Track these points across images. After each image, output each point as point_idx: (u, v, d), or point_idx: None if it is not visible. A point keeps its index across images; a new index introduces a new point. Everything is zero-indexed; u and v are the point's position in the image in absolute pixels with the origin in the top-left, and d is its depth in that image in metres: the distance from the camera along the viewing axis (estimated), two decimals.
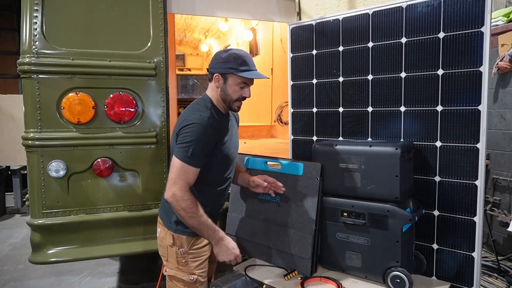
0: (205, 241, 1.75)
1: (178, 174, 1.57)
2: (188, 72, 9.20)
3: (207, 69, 1.74)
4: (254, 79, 1.71)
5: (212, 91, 1.73)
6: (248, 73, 1.65)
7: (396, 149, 1.65)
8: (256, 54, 6.78)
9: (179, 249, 1.71)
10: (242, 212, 2.11)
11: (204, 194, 1.71)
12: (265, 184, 1.87)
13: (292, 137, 2.34)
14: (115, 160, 2.24)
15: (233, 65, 1.64)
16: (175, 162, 1.59)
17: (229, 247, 1.69)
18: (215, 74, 1.69)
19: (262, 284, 1.80)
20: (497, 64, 3.29)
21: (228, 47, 1.95)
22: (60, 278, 3.46)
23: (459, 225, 1.73)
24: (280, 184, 1.88)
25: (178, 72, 8.16)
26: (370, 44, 1.95)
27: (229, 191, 1.93)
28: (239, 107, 1.74)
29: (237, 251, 1.70)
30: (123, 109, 2.21)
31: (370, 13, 1.93)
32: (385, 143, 1.77)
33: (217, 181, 1.77)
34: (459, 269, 1.75)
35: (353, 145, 1.81)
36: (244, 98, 1.71)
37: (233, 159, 1.82)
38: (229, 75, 1.66)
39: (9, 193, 5.95)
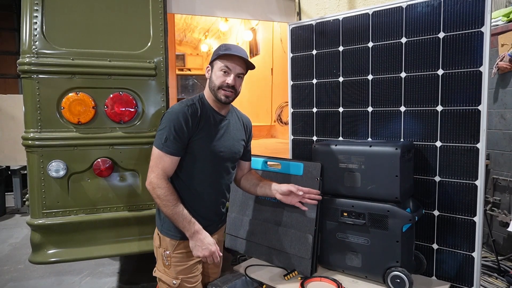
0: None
1: (155, 162, 1.58)
2: (188, 72, 9.21)
3: None
4: (247, 71, 1.71)
5: (206, 86, 1.72)
6: (227, 52, 1.62)
7: (396, 149, 1.65)
8: (256, 54, 6.79)
9: (164, 252, 1.69)
10: (242, 212, 2.12)
11: (181, 192, 1.66)
12: (301, 192, 1.74)
13: (292, 137, 2.34)
14: (115, 160, 2.24)
15: (218, 51, 1.65)
16: (153, 150, 1.60)
17: (205, 242, 1.59)
18: (207, 67, 1.72)
19: (262, 284, 1.80)
20: (497, 64, 3.29)
21: None
22: (60, 278, 3.46)
23: (459, 225, 1.73)
24: (315, 190, 1.78)
25: (178, 72, 8.16)
26: (370, 44, 1.95)
27: (223, 200, 1.82)
28: (226, 97, 1.64)
29: (213, 247, 1.59)
30: (123, 109, 2.21)
31: (370, 13, 1.93)
32: (385, 143, 1.77)
33: (195, 180, 1.67)
34: (459, 269, 1.75)
35: (353, 145, 1.81)
36: (228, 86, 1.63)
37: (219, 160, 1.71)
38: (214, 62, 1.67)
39: (9, 193, 5.96)
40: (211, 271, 1.90)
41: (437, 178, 1.79)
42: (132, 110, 2.23)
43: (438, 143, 1.77)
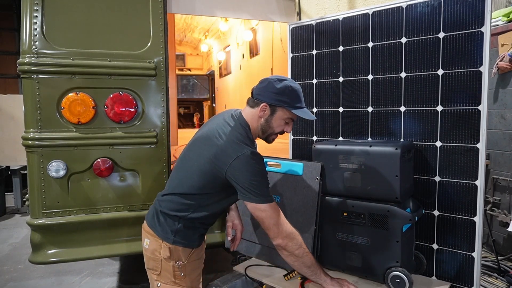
0: (201, 253, 1.70)
1: (273, 216, 1.48)
2: (188, 72, 9.21)
3: (252, 93, 1.60)
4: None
5: (252, 118, 1.59)
6: (301, 112, 1.55)
7: (396, 149, 1.65)
8: (256, 54, 6.79)
9: (176, 263, 1.57)
10: (242, 212, 2.11)
11: (201, 213, 1.59)
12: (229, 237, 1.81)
13: (292, 137, 2.34)
14: (115, 160, 2.24)
15: (287, 100, 1.53)
16: (261, 208, 1.47)
17: (345, 282, 1.60)
18: (263, 104, 1.55)
19: (262, 284, 1.80)
20: (497, 64, 3.29)
21: (282, 78, 1.86)
22: (60, 278, 3.46)
23: (459, 225, 1.73)
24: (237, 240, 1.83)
25: (178, 72, 8.17)
26: (370, 44, 1.95)
27: None
28: (273, 140, 1.66)
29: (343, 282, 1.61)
30: (123, 109, 2.21)
31: (370, 13, 1.93)
32: (385, 143, 1.77)
33: (221, 203, 1.63)
34: (459, 269, 1.75)
35: (353, 145, 1.81)
36: (283, 133, 1.63)
37: None
38: (279, 108, 1.55)
39: (9, 193, 5.96)
40: None
41: (437, 178, 1.79)
42: (132, 110, 2.23)
43: (438, 143, 1.77)
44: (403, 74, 1.86)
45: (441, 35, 1.73)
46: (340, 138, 2.11)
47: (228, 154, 1.46)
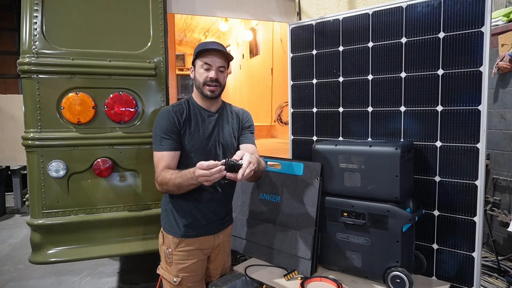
0: (194, 245, 1.73)
1: (156, 164, 1.65)
2: (188, 72, 9.21)
3: None
4: (221, 61, 1.72)
5: (194, 86, 1.80)
6: (204, 48, 1.69)
7: (396, 149, 1.65)
8: (256, 54, 6.78)
9: (166, 249, 1.74)
10: (242, 212, 2.12)
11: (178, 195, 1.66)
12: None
13: (292, 137, 2.34)
14: (115, 160, 2.23)
15: (196, 51, 1.73)
16: (153, 155, 1.67)
17: (200, 173, 1.42)
18: (190, 69, 1.80)
19: (262, 284, 1.80)
20: (497, 64, 3.29)
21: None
22: (60, 278, 3.46)
23: (459, 225, 1.73)
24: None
25: (178, 72, 8.16)
26: (370, 44, 1.95)
27: (224, 196, 1.80)
28: (212, 91, 1.70)
29: (199, 172, 1.42)
30: (123, 109, 2.21)
31: (370, 13, 1.93)
32: (385, 143, 1.77)
33: None
34: (459, 269, 1.75)
35: (353, 145, 1.81)
36: (212, 80, 1.69)
37: (212, 154, 1.72)
38: (195, 62, 1.75)
39: (9, 193, 5.96)
40: (213, 272, 1.90)
41: (437, 178, 1.79)
42: (132, 110, 2.23)
43: (438, 143, 1.77)
44: (403, 74, 1.86)
45: (441, 35, 1.73)
46: (340, 138, 2.11)
47: None
